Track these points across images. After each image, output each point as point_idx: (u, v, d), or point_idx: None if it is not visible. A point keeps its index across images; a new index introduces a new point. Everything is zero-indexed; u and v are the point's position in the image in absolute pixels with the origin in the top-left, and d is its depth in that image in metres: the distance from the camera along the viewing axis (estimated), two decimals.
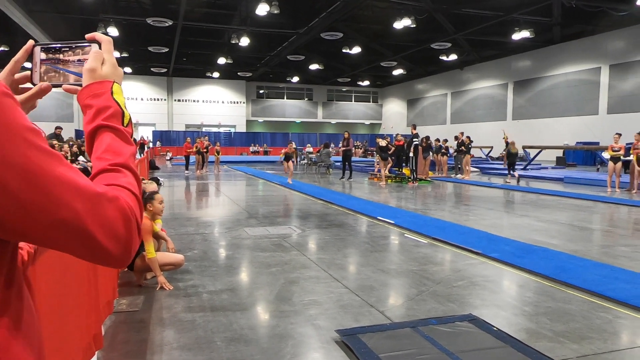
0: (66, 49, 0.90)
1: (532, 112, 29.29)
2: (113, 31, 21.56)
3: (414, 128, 17.79)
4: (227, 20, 23.65)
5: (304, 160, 24.40)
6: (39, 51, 0.90)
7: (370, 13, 22.34)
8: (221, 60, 30.92)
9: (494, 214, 9.47)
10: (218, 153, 22.04)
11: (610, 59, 24.32)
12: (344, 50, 27.90)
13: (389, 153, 16.21)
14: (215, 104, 42.75)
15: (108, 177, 0.77)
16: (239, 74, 38.48)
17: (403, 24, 21.18)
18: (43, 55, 0.90)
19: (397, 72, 36.59)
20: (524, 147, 23.52)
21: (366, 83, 44.12)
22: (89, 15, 21.57)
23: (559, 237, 7.10)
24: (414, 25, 21.35)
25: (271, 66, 35.13)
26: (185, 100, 42.09)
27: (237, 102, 43.46)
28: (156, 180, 12.31)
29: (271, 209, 9.89)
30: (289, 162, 15.38)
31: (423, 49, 28.49)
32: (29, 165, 0.62)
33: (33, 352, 0.71)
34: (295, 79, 41.26)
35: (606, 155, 14.79)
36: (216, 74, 39.03)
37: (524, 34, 22.80)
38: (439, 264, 5.61)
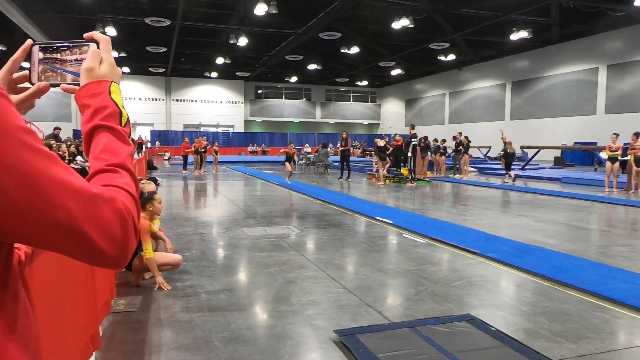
0: (64, 48, 0.90)
1: (530, 112, 29.34)
2: (111, 31, 21.53)
3: (413, 128, 17.81)
4: (225, 20, 23.64)
5: (302, 160, 24.40)
6: (37, 51, 0.89)
7: (369, 13, 22.35)
8: (219, 60, 30.90)
9: (491, 214, 9.48)
10: (216, 153, 22.03)
11: (607, 59, 24.37)
12: (342, 50, 27.90)
13: (387, 153, 16.21)
14: (213, 104, 42.72)
15: (105, 178, 0.77)
16: (237, 73, 38.46)
17: (401, 24, 21.20)
18: (41, 55, 0.89)
19: (396, 72, 36.62)
20: (522, 147, 23.56)
21: (364, 83, 44.14)
22: (87, 15, 21.54)
23: (556, 237, 7.11)
24: (412, 26, 21.37)
25: (269, 66, 35.12)
26: (184, 100, 42.06)
27: (236, 102, 43.44)
28: (154, 180, 12.27)
29: (269, 209, 9.89)
30: (290, 163, 15.23)
31: (421, 49, 28.52)
32: (23, 166, 0.62)
33: (29, 354, 0.70)
34: (294, 79, 41.26)
35: (604, 155, 14.82)
36: (214, 74, 39.01)
37: (522, 34, 22.84)
38: (437, 264, 5.62)
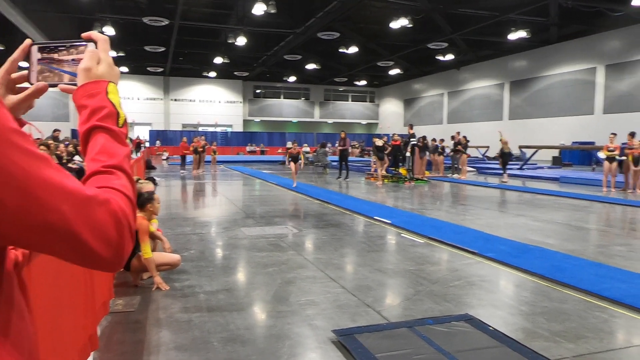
0: (63, 48, 0.89)
1: (529, 112, 29.37)
2: (109, 30, 21.50)
3: (411, 128, 17.84)
4: (224, 19, 23.62)
5: (300, 160, 24.37)
6: (36, 51, 0.89)
7: (367, 13, 22.34)
8: (218, 60, 30.87)
9: (490, 214, 9.49)
10: (215, 153, 22.02)
11: (606, 59, 24.41)
12: (340, 50, 27.89)
13: (385, 152, 16.22)
14: (212, 104, 42.67)
15: (101, 179, 0.76)
16: (235, 73, 38.42)
17: (400, 23, 21.21)
18: (40, 55, 0.89)
19: (394, 72, 36.62)
20: (520, 147, 23.60)
21: (363, 83, 44.14)
22: (86, 15, 21.50)
23: (555, 237, 7.12)
24: (411, 25, 21.38)
25: (268, 66, 35.10)
26: (182, 100, 42.00)
27: (234, 102, 43.40)
28: (152, 180, 12.25)
29: (268, 208, 9.88)
30: (296, 164, 14.65)
31: (420, 49, 28.53)
32: (15, 169, 0.61)
33: (22, 357, 0.70)
34: (292, 78, 41.23)
35: (602, 155, 14.84)
36: (213, 74, 38.97)
37: (521, 34, 22.86)
38: (436, 263, 5.62)
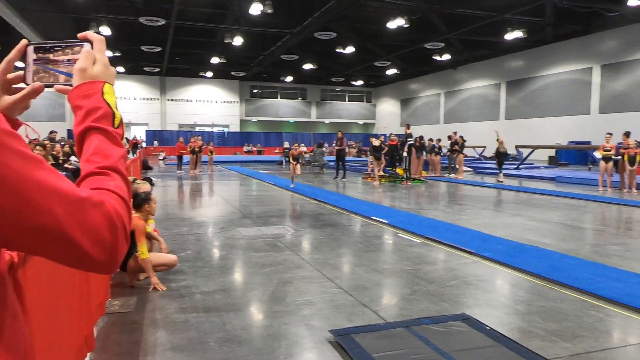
0: (59, 48, 0.89)
1: (525, 112, 29.44)
2: (105, 30, 21.43)
3: (408, 128, 17.86)
4: (221, 19, 23.59)
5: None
6: (32, 51, 0.89)
7: (364, 13, 22.36)
8: (214, 60, 30.83)
9: (487, 214, 9.51)
10: (211, 153, 21.99)
11: (601, 59, 24.49)
12: (337, 50, 27.90)
13: (382, 152, 16.22)
14: (208, 104, 42.61)
15: (95, 181, 0.76)
16: (232, 73, 38.37)
17: (396, 23, 21.22)
18: (36, 55, 0.89)
19: (391, 72, 36.65)
20: (517, 147, 23.66)
21: (360, 83, 44.15)
22: (81, 14, 21.44)
23: (551, 237, 7.14)
24: (407, 25, 21.40)
25: (265, 66, 35.07)
26: (179, 100, 41.91)
27: (231, 102, 43.34)
28: (149, 180, 12.25)
29: (265, 209, 9.88)
30: (297, 164, 14.36)
31: (416, 49, 28.56)
32: (6, 170, 0.61)
33: (16, 359, 0.70)
34: (289, 78, 41.21)
35: (598, 154, 14.90)
36: (209, 74, 38.90)
37: (517, 34, 22.91)
38: (433, 263, 5.63)
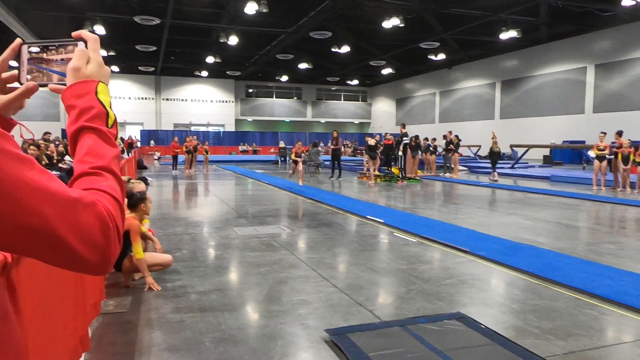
0: (53, 47, 0.89)
1: (520, 111, 29.56)
2: (100, 29, 21.32)
3: (403, 127, 17.87)
4: (216, 18, 23.53)
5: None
6: (26, 50, 0.88)
7: (359, 12, 22.36)
8: (210, 59, 30.76)
9: (482, 213, 9.54)
10: (207, 152, 21.96)
11: (595, 58, 24.62)
12: (333, 50, 27.89)
13: (377, 152, 16.23)
14: (203, 103, 42.52)
15: (88, 181, 0.75)
16: (227, 73, 38.31)
17: (392, 23, 21.24)
18: (30, 54, 0.88)
19: (386, 72, 36.69)
20: (512, 146, 23.75)
21: (355, 82, 44.19)
22: (76, 13, 21.32)
23: (546, 235, 7.17)
24: (403, 25, 21.42)
25: (260, 65, 35.03)
26: (174, 99, 41.81)
27: (226, 101, 43.27)
28: (144, 179, 12.19)
29: (260, 208, 9.87)
30: (298, 164, 14.23)
31: (412, 49, 28.60)
32: None
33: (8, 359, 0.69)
34: (285, 78, 41.18)
35: (592, 153, 14.97)
36: (205, 73, 38.82)
37: (512, 34, 22.99)
38: (428, 262, 5.64)
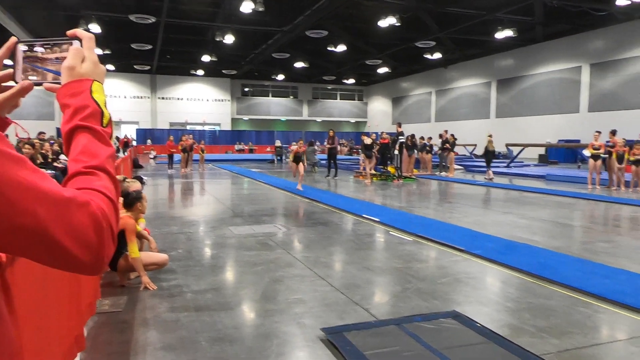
0: (48, 46, 0.89)
1: (515, 110, 29.64)
2: (95, 28, 21.22)
3: (399, 126, 17.89)
4: (211, 17, 23.47)
5: (289, 158, 24.40)
6: (21, 49, 0.88)
7: (355, 11, 22.36)
8: (205, 58, 30.67)
9: (477, 211, 9.57)
10: (202, 151, 21.91)
11: (590, 58, 24.72)
12: (329, 49, 27.88)
13: (373, 151, 16.24)
14: (199, 102, 42.42)
15: (82, 181, 0.75)
16: (223, 71, 38.21)
17: (388, 22, 21.24)
18: (25, 53, 0.88)
19: (382, 71, 36.71)
20: (507, 145, 23.83)
21: (351, 81, 44.17)
22: (71, 11, 21.22)
23: (541, 234, 7.20)
24: (399, 24, 21.43)
25: (256, 64, 34.96)
26: (169, 98, 41.68)
27: (222, 100, 43.18)
28: (139, 178, 12.15)
29: (256, 207, 9.86)
30: (299, 164, 13.14)
31: (408, 48, 28.62)
32: None
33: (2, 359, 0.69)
34: (281, 77, 41.13)
35: (587, 152, 15.04)
36: (200, 72, 38.71)
37: (507, 33, 23.04)
38: (424, 261, 5.65)
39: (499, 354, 3.15)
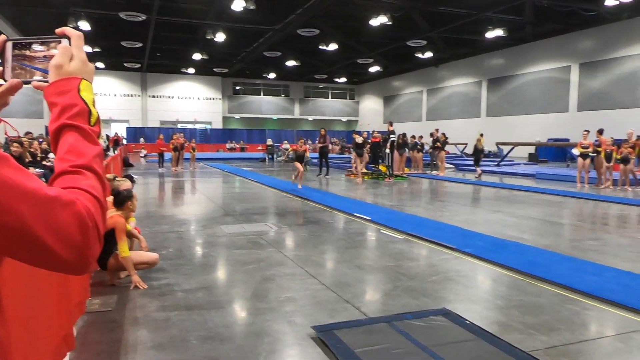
0: (38, 44, 0.88)
1: (506, 109, 29.85)
2: (85, 25, 21.02)
3: (391, 125, 17.94)
4: (202, 15, 23.34)
5: (280, 157, 24.38)
6: (11, 47, 0.88)
7: (347, 10, 22.35)
8: (196, 56, 30.51)
9: (468, 210, 9.62)
10: (194, 150, 21.83)
11: (580, 57, 24.95)
12: (320, 47, 27.86)
13: (364, 149, 16.26)
14: (190, 100, 42.21)
15: (68, 180, 0.75)
16: (214, 70, 38.05)
17: (379, 21, 21.27)
18: (15, 51, 0.88)
19: (373, 69, 36.76)
20: (497, 144, 23.99)
21: (343, 80, 44.19)
22: (59, 9, 21.00)
23: (530, 232, 7.26)
24: (390, 23, 21.46)
25: (247, 62, 34.85)
26: (160, 97, 41.42)
27: (213, 99, 43.00)
28: (130, 177, 12.08)
29: (247, 206, 9.84)
30: (301, 164, 12.97)
31: (399, 47, 28.68)
32: None
33: None
34: (272, 75, 41.03)
35: (576, 151, 15.18)
36: (191, 70, 38.50)
37: (497, 33, 23.17)
38: (414, 259, 5.68)
39: (488, 351, 3.18)
